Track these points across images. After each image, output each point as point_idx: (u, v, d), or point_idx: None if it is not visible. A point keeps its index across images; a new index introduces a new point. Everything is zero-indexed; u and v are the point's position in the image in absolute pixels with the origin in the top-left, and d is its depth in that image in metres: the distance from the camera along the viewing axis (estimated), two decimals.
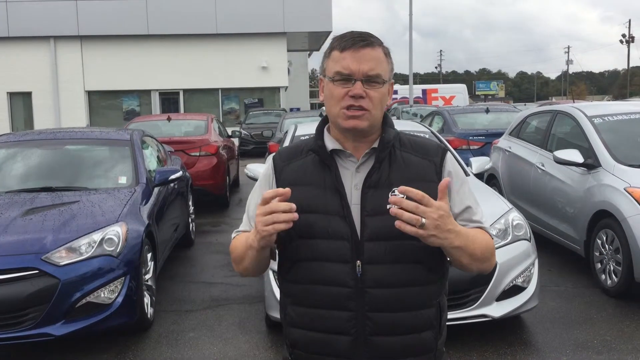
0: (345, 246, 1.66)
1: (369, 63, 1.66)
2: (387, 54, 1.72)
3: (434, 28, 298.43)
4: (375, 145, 1.73)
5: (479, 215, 1.78)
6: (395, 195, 1.58)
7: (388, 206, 1.57)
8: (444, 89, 35.05)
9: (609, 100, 36.49)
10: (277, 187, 1.75)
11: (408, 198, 1.54)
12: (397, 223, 1.53)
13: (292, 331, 1.75)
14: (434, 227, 1.53)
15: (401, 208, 1.52)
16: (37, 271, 4.13)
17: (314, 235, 1.68)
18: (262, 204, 1.58)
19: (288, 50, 26.19)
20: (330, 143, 1.75)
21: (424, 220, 1.51)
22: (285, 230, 1.61)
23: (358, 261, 1.65)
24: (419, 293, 1.69)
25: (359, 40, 1.67)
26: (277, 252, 1.75)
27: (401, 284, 1.66)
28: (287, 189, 1.58)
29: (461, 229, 1.63)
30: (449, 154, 1.78)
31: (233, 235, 1.89)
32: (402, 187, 1.55)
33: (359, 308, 1.66)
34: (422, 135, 2.99)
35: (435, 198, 1.58)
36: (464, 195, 1.77)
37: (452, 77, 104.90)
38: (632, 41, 65.75)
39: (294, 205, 1.56)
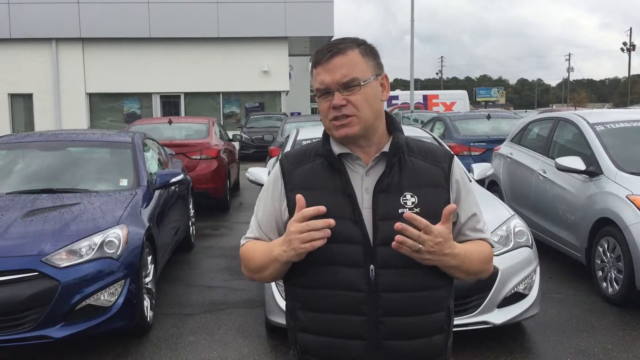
0: (358, 250, 1.66)
1: (341, 70, 1.67)
2: (364, 53, 1.72)
3: (433, 33, 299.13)
4: (386, 149, 1.74)
5: (482, 223, 1.82)
6: (406, 199, 1.67)
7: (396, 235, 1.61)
8: (445, 95, 35.06)
9: (610, 108, 36.50)
10: (286, 190, 1.77)
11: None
12: (394, 245, 1.60)
13: (303, 336, 1.74)
14: (429, 253, 1.61)
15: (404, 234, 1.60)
16: (37, 273, 4.11)
17: (326, 240, 1.66)
18: (299, 220, 1.60)
19: (289, 55, 26.22)
20: (337, 147, 1.76)
21: (420, 246, 1.59)
22: None
23: (371, 265, 1.65)
24: (431, 297, 1.70)
25: (326, 52, 1.69)
26: None
27: (414, 288, 1.67)
28: (322, 208, 1.61)
29: (459, 250, 1.67)
30: (455, 160, 1.81)
31: (243, 241, 1.87)
32: (408, 214, 1.60)
33: (372, 312, 1.66)
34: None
35: (442, 203, 1.63)
36: (470, 203, 1.79)
37: (453, 83, 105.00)
38: (633, 49, 65.87)
39: (332, 221, 1.59)
